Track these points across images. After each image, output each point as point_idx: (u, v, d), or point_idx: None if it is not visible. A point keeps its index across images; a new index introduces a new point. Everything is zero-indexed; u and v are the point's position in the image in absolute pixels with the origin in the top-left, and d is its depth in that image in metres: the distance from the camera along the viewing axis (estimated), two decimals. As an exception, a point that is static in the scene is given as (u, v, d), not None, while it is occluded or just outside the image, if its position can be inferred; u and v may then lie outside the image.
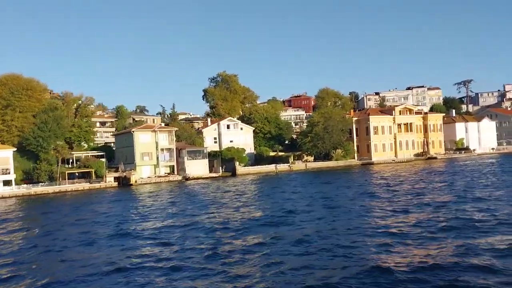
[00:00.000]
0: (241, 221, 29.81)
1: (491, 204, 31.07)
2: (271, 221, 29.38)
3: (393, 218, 27.91)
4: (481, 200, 33.03)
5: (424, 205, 32.45)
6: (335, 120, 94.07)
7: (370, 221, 27.21)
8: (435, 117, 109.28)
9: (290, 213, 31.96)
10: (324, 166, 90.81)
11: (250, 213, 33.75)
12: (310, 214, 31.52)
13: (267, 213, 32.77)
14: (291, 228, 26.56)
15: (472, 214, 27.33)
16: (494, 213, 27.11)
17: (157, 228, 29.57)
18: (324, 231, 24.67)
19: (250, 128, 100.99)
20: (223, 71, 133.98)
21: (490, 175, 53.79)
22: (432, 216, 27.52)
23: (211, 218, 32.22)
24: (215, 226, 28.45)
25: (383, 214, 29.37)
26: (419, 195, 37.92)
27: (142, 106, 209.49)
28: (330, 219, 28.77)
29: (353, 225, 26.16)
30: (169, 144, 79.45)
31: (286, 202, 38.72)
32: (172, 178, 75.83)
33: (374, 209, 31.79)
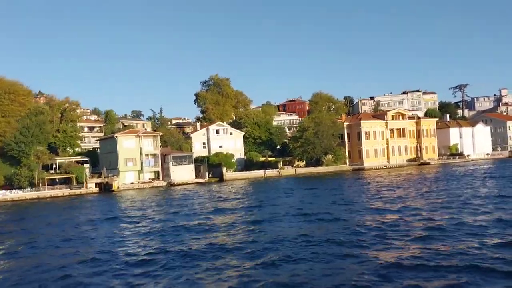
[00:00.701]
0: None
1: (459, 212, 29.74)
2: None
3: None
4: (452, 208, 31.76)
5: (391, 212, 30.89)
6: (326, 125, 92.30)
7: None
8: (428, 122, 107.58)
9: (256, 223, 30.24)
10: (314, 171, 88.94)
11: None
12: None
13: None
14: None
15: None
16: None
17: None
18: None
19: (240, 133, 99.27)
20: (215, 75, 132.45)
21: (477, 181, 52.06)
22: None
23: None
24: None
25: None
26: (390, 203, 36.41)
27: (137, 111, 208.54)
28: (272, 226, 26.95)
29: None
30: (154, 149, 77.58)
31: (253, 210, 37.09)
32: (156, 184, 73.96)
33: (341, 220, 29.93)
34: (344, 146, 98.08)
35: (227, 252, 21.81)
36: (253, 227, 28.42)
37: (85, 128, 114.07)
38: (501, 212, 29.03)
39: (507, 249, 19.39)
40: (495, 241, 20.88)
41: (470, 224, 25.50)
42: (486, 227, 24.31)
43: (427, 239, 22.06)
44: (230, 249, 22.29)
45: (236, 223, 30.53)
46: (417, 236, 22.80)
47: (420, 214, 29.57)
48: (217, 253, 21.68)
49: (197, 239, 25.70)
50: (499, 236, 22.03)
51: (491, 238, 21.71)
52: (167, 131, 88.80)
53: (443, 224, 25.62)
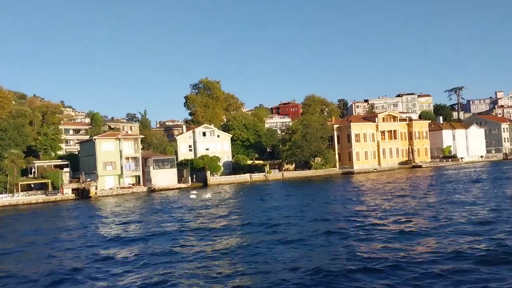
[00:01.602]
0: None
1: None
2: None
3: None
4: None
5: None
6: (314, 128, 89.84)
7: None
8: (420, 124, 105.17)
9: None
10: (302, 175, 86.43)
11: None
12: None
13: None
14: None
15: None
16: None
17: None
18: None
19: (227, 136, 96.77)
20: (205, 78, 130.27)
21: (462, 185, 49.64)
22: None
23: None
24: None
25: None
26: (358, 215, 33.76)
27: (132, 114, 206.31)
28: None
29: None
30: (134, 152, 74.96)
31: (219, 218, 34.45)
32: (136, 190, 71.21)
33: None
34: (333, 148, 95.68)
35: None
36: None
37: (70, 131, 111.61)
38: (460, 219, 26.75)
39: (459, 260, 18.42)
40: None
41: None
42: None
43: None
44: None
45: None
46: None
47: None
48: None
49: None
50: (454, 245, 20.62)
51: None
52: (150, 134, 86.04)
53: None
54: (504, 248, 19.79)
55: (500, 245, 20.28)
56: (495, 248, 19.89)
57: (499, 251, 19.37)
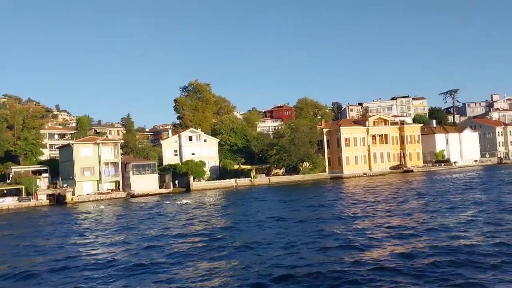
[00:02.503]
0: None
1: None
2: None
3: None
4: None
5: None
6: (302, 132, 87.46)
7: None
8: (412, 127, 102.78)
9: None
10: (289, 180, 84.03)
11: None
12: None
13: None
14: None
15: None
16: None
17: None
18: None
19: (215, 140, 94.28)
20: (195, 80, 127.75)
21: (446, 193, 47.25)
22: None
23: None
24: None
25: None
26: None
27: (127, 118, 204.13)
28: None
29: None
30: (114, 157, 72.56)
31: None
32: (115, 195, 68.75)
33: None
34: (323, 153, 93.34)
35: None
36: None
37: (55, 136, 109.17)
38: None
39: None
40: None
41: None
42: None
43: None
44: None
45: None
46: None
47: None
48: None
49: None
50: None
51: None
52: (133, 139, 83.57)
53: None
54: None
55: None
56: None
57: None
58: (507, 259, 19.17)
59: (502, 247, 21.33)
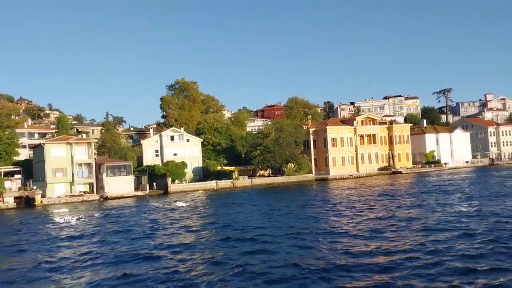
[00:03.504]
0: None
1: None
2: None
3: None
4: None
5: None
6: (287, 131, 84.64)
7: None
8: (401, 127, 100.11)
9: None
10: (273, 182, 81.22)
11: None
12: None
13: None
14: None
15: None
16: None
17: None
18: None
19: (198, 140, 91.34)
20: (182, 78, 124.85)
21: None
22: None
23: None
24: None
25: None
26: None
27: (120, 117, 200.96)
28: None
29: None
30: (88, 158, 69.55)
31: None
32: (88, 198, 65.71)
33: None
34: (309, 153, 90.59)
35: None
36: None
37: (35, 135, 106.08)
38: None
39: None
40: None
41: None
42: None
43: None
44: None
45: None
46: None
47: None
48: None
49: None
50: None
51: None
52: (111, 138, 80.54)
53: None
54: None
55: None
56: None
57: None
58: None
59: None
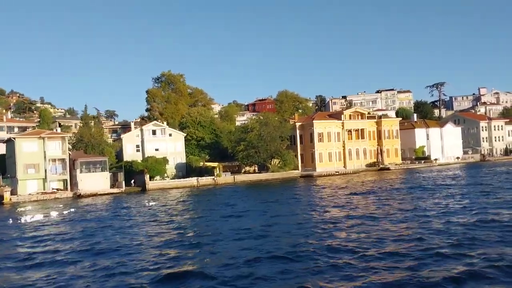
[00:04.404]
0: None
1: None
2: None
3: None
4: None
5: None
6: (272, 126, 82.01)
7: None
8: (390, 122, 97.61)
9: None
10: (257, 179, 78.82)
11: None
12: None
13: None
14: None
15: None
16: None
17: None
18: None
19: (181, 135, 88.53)
20: (168, 71, 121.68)
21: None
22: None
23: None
24: None
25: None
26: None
27: (111, 110, 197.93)
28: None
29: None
30: (62, 153, 66.79)
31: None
32: (60, 195, 63.13)
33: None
34: (295, 149, 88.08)
35: None
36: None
37: (15, 129, 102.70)
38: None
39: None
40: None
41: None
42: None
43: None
44: None
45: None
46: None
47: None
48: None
49: None
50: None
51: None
52: (88, 132, 77.67)
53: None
54: None
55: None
56: None
57: None
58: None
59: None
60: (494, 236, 22.34)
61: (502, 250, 19.54)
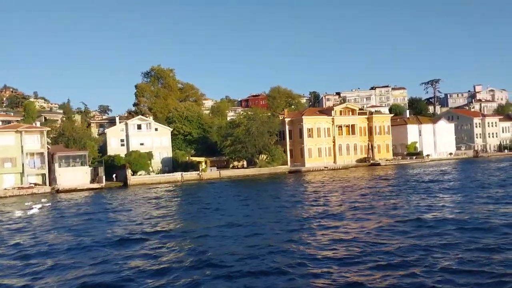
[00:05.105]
0: None
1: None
2: None
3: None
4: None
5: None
6: (259, 121, 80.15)
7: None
8: (381, 118, 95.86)
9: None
10: (243, 174, 77.02)
11: None
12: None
13: None
14: None
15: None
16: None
17: None
18: None
19: (167, 129, 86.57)
20: (157, 65, 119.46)
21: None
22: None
23: None
24: None
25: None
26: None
27: (105, 106, 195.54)
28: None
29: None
30: (41, 147, 64.74)
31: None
32: (38, 190, 61.03)
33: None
34: (284, 144, 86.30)
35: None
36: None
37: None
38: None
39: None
40: None
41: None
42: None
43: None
44: None
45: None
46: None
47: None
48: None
49: None
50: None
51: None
52: (70, 126, 75.64)
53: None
54: None
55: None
56: None
57: None
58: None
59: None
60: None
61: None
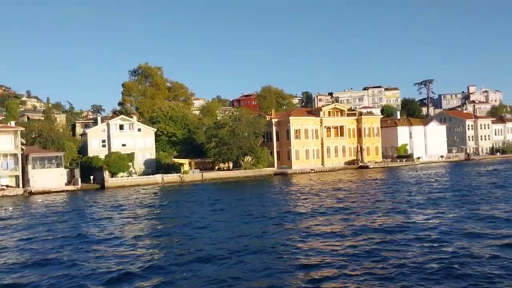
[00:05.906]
0: None
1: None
2: None
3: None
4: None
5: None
6: (245, 122, 77.92)
7: None
8: (371, 119, 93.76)
9: None
10: (227, 176, 74.79)
11: None
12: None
13: None
14: None
15: None
16: None
17: None
18: None
19: (151, 130, 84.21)
20: (145, 63, 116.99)
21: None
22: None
23: None
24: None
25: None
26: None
27: (98, 105, 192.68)
28: None
29: None
30: (14, 148, 62.33)
31: None
32: (9, 193, 58.62)
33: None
34: (271, 146, 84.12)
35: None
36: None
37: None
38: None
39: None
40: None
41: None
42: None
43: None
44: None
45: None
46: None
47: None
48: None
49: None
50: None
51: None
52: (48, 126, 73.18)
53: None
54: None
55: None
56: None
57: None
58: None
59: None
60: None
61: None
